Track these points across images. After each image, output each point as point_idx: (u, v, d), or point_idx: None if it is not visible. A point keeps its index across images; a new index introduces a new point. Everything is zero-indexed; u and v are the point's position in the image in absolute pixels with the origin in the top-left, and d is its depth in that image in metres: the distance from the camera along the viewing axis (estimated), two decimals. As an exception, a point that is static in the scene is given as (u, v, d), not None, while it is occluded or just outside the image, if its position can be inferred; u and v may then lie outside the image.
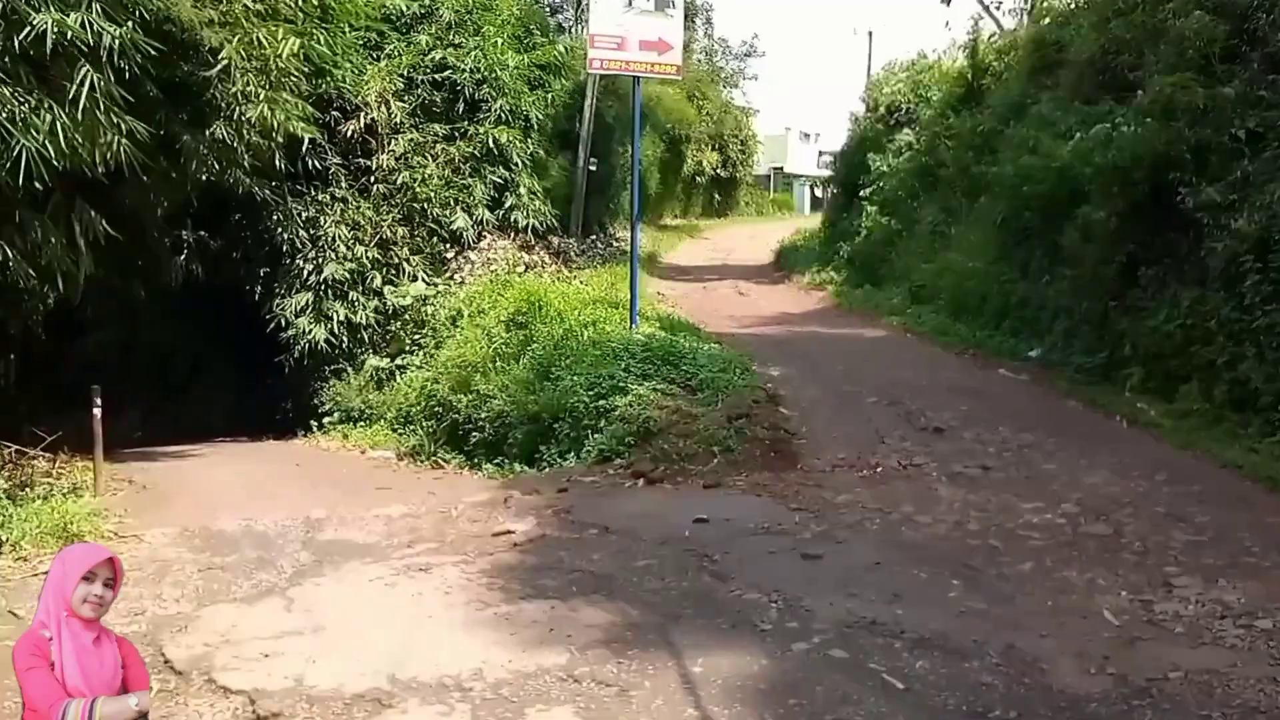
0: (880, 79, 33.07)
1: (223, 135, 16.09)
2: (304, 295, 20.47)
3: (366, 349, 21.33)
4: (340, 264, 20.64)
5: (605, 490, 12.11)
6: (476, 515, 11.41)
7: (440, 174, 21.81)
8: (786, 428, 13.43)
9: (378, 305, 21.17)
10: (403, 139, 21.64)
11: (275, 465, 16.95)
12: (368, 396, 20.49)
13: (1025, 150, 18.54)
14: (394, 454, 18.36)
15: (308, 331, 20.30)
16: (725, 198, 54.21)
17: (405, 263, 21.63)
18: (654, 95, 38.07)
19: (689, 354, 15.69)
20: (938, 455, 12.33)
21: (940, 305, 21.15)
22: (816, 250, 32.43)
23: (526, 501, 11.82)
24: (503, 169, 22.68)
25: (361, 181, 21.54)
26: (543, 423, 15.18)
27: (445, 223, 21.90)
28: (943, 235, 23.23)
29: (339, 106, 20.90)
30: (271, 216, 20.04)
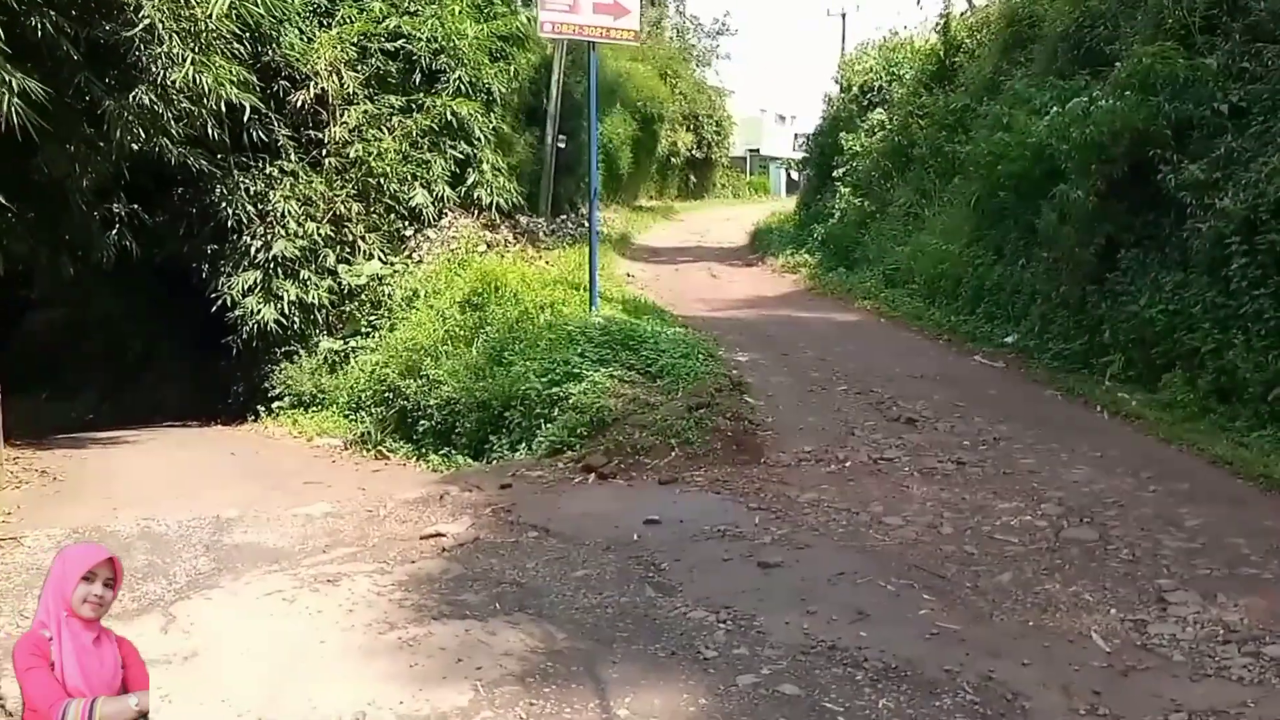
0: (853, 58, 32.05)
1: (147, 100, 14.99)
2: (252, 273, 19.29)
3: (321, 330, 20.24)
4: (290, 241, 19.44)
5: (553, 486, 11.11)
6: (407, 515, 10.39)
7: (397, 148, 20.66)
8: (751, 418, 12.44)
9: (331, 285, 20.06)
10: (356, 111, 20.43)
11: (209, 454, 15.97)
12: (320, 380, 19.38)
13: (999, 128, 17.60)
14: (342, 442, 17.35)
15: (256, 312, 19.15)
16: (701, 179, 53.07)
17: (361, 240, 20.48)
18: (624, 72, 36.98)
19: (650, 338, 14.69)
20: (910, 448, 11.37)
21: (914, 289, 20.21)
22: (791, 233, 31.42)
23: (465, 499, 10.82)
24: (464, 144, 21.53)
25: (313, 155, 20.39)
26: (492, 411, 14.22)
27: (404, 199, 20.77)
28: (916, 216, 22.28)
29: (287, 76, 19.76)
30: (215, 190, 18.92)
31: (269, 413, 19.59)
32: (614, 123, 36.37)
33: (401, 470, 14.49)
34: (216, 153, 18.03)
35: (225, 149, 18.22)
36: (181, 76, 15.42)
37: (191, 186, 18.78)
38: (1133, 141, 13.27)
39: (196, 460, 15.26)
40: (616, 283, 23.00)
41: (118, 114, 15.09)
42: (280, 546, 9.35)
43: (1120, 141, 13.29)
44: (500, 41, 23.44)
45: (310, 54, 19.82)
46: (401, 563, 8.59)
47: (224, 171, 18.74)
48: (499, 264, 19.77)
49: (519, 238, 24.02)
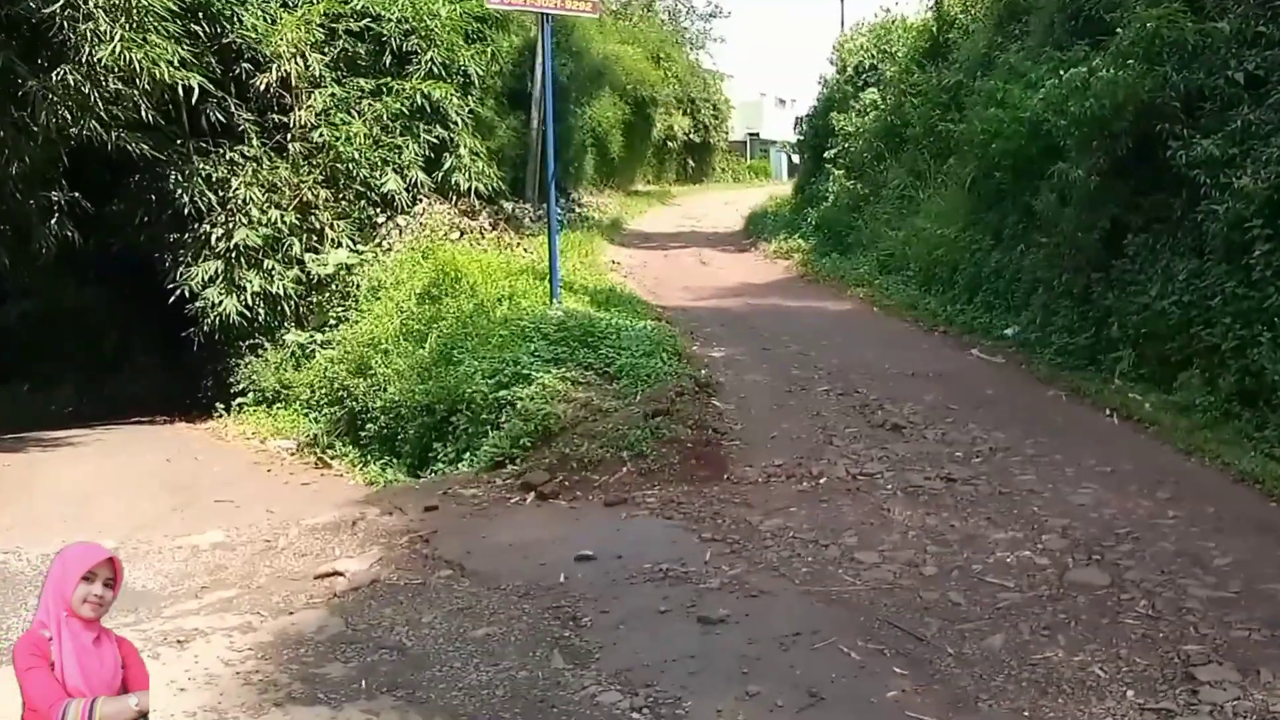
0: (848, 38, 30.31)
1: (72, 80, 13.52)
2: (213, 263, 17.76)
3: (289, 322, 18.73)
4: (253, 229, 17.91)
5: (485, 508, 9.58)
6: (310, 545, 8.90)
7: (367, 132, 19.15)
8: (716, 426, 10.90)
9: (298, 275, 18.55)
10: (322, 94, 18.93)
11: (142, 461, 14.50)
12: (284, 376, 17.83)
13: (992, 104, 15.99)
14: (294, 444, 15.86)
15: (218, 303, 17.67)
16: (699, 164, 51.29)
17: (329, 228, 18.97)
18: (612, 54, 35.31)
19: (611, 334, 13.14)
20: (894, 461, 9.82)
21: (909, 276, 18.63)
22: (786, 217, 29.78)
23: (381, 525, 9.30)
24: (440, 128, 20.12)
25: (277, 140, 18.92)
26: (436, 416, 12.68)
27: (375, 185, 19.29)
28: (911, 199, 20.66)
29: (250, 59, 18.29)
30: (170, 177, 17.46)
31: (229, 410, 18.08)
32: (603, 106, 34.76)
33: (335, 483, 13.00)
34: (174, 138, 17.01)
35: (182, 134, 17.21)
36: (109, 54, 14.08)
37: (148, 173, 17.46)
38: (1138, 114, 11.64)
39: (123, 469, 13.80)
40: (598, 270, 21.52)
41: (43, 95, 13.79)
42: (147, 589, 7.87)
43: (1124, 115, 11.66)
44: (476, 22, 22.13)
45: (273, 35, 18.31)
46: (278, 614, 7.08)
47: (182, 157, 17.47)
48: (459, 252, 18.14)
49: (500, 224, 22.55)
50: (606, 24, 38.75)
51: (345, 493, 11.85)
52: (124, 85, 14.62)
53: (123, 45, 14.14)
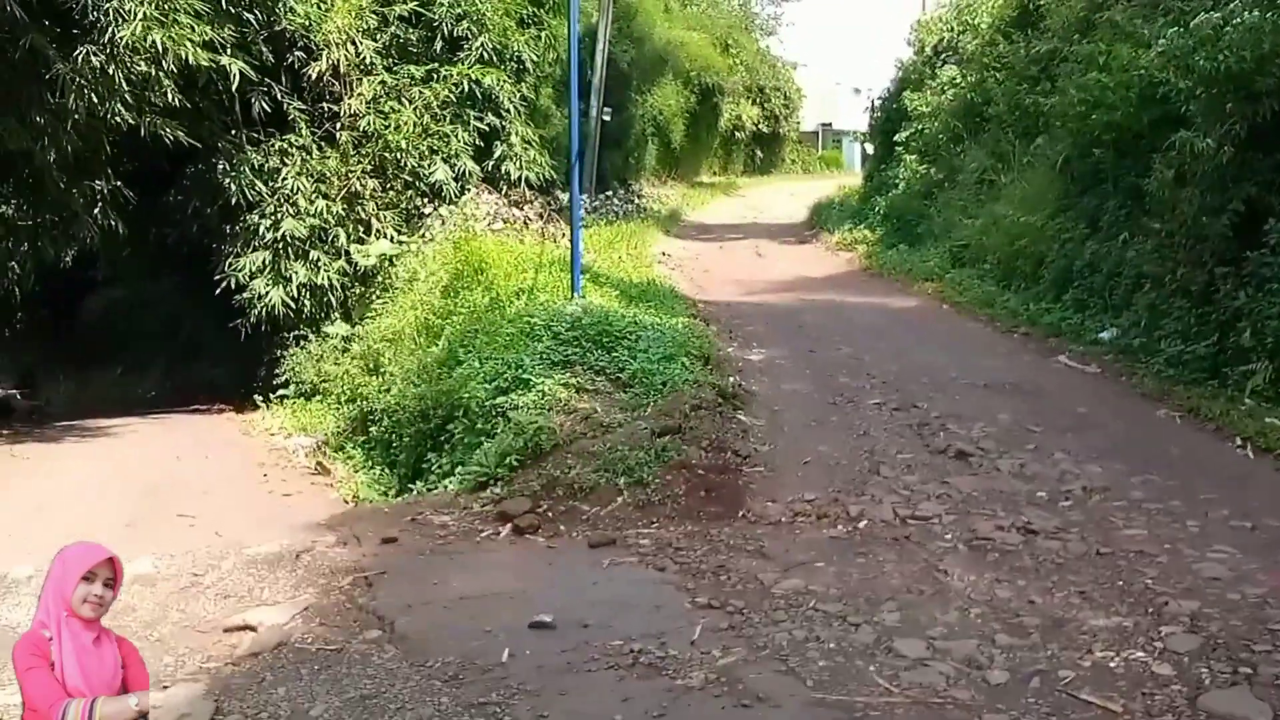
0: (928, 18, 27.79)
1: (96, 61, 12.84)
2: (260, 254, 16.94)
3: (335, 313, 17.63)
4: (299, 220, 16.97)
5: (450, 543, 7.66)
6: (239, 583, 7.10)
7: (416, 120, 17.88)
8: (737, 447, 8.79)
9: (343, 266, 17.44)
10: (372, 82, 17.75)
11: (150, 458, 13.42)
12: (323, 368, 16.48)
13: (1093, 68, 13.60)
14: (315, 442, 14.41)
15: (265, 294, 16.78)
16: (768, 154, 48.75)
17: (375, 218, 17.88)
18: (676, 40, 33.24)
19: (628, 334, 11.08)
20: (956, 500, 7.66)
21: (986, 270, 16.34)
22: (853, 207, 27.53)
23: (328, 559, 7.42)
24: (491, 115, 18.89)
25: (326, 128, 17.81)
26: (431, 422, 10.83)
27: (424, 174, 18.11)
28: (991, 184, 18.27)
29: (302, 46, 17.20)
30: (219, 167, 16.77)
31: (268, 401, 16.92)
32: (665, 94, 32.74)
33: (318, 495, 11.32)
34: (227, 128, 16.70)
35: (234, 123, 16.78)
36: (130, 34, 13.15)
37: (203, 163, 17.05)
38: (1287, 71, 9.30)
39: (119, 469, 12.67)
40: (644, 262, 19.59)
41: (70, 78, 13.06)
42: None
43: (1270, 69, 9.29)
44: (531, 6, 20.72)
45: (324, 22, 17.20)
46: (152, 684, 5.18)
47: (234, 147, 16.89)
48: (492, 243, 16.32)
49: (551, 215, 21.01)
50: (672, 9, 36.73)
51: (317, 509, 10.03)
52: (151, 68, 13.73)
53: (144, 25, 13.24)
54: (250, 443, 14.77)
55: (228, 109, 16.72)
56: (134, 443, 14.65)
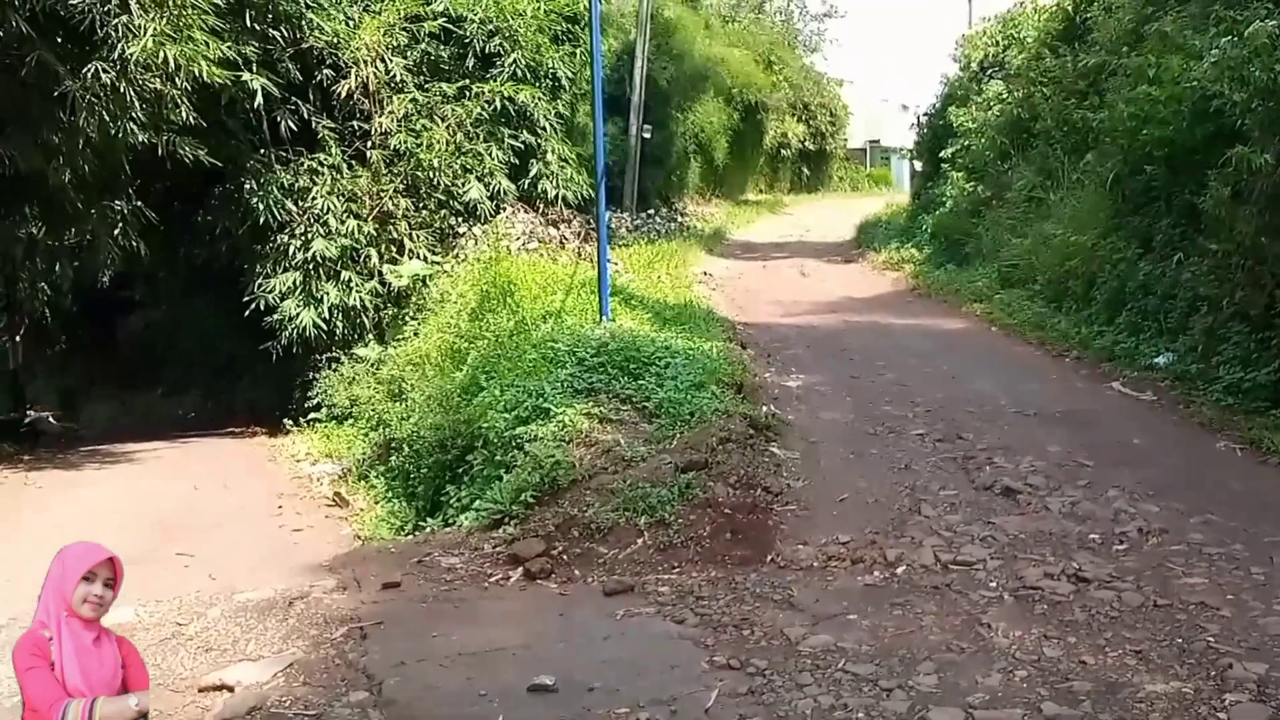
0: (974, 33, 27.10)
1: (106, 78, 12.46)
2: (291, 275, 16.51)
3: (368, 335, 17.22)
4: (330, 240, 16.56)
5: (456, 589, 7.18)
6: (224, 635, 6.64)
7: (449, 138, 17.44)
8: (768, 483, 8.24)
9: (375, 287, 17.01)
10: (403, 99, 17.33)
11: (168, 487, 12.90)
12: (354, 392, 16.01)
13: (1143, 81, 12.96)
14: (341, 470, 13.91)
15: (295, 315, 16.39)
16: (815, 172, 48.02)
17: (408, 238, 17.43)
18: (717, 57, 32.80)
19: (657, 360, 10.58)
20: (1002, 544, 7.08)
21: (1035, 290, 15.69)
22: (900, 225, 26.89)
23: (323, 607, 6.95)
24: (526, 132, 18.42)
25: (356, 147, 17.40)
26: (450, 453, 10.36)
27: (457, 194, 17.64)
28: (1039, 202, 17.59)
29: (331, 63, 16.85)
30: (245, 186, 16.34)
31: (298, 425, 16.48)
32: (707, 111, 32.31)
33: (328, 531, 10.79)
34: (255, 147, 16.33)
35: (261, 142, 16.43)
36: (140, 49, 12.60)
37: (231, 183, 16.62)
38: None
39: (137, 497, 12.15)
40: (683, 282, 19.16)
41: (80, 95, 12.58)
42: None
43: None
44: (566, 23, 20.26)
45: (352, 39, 16.87)
46: None
47: (264, 166, 16.46)
48: (522, 263, 15.90)
49: (589, 234, 20.72)
50: (712, 26, 36.32)
51: (324, 548, 9.56)
52: (164, 85, 13.20)
53: (155, 41, 12.70)
54: (274, 470, 14.36)
55: (255, 128, 16.41)
56: (155, 470, 14.29)
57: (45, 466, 14.34)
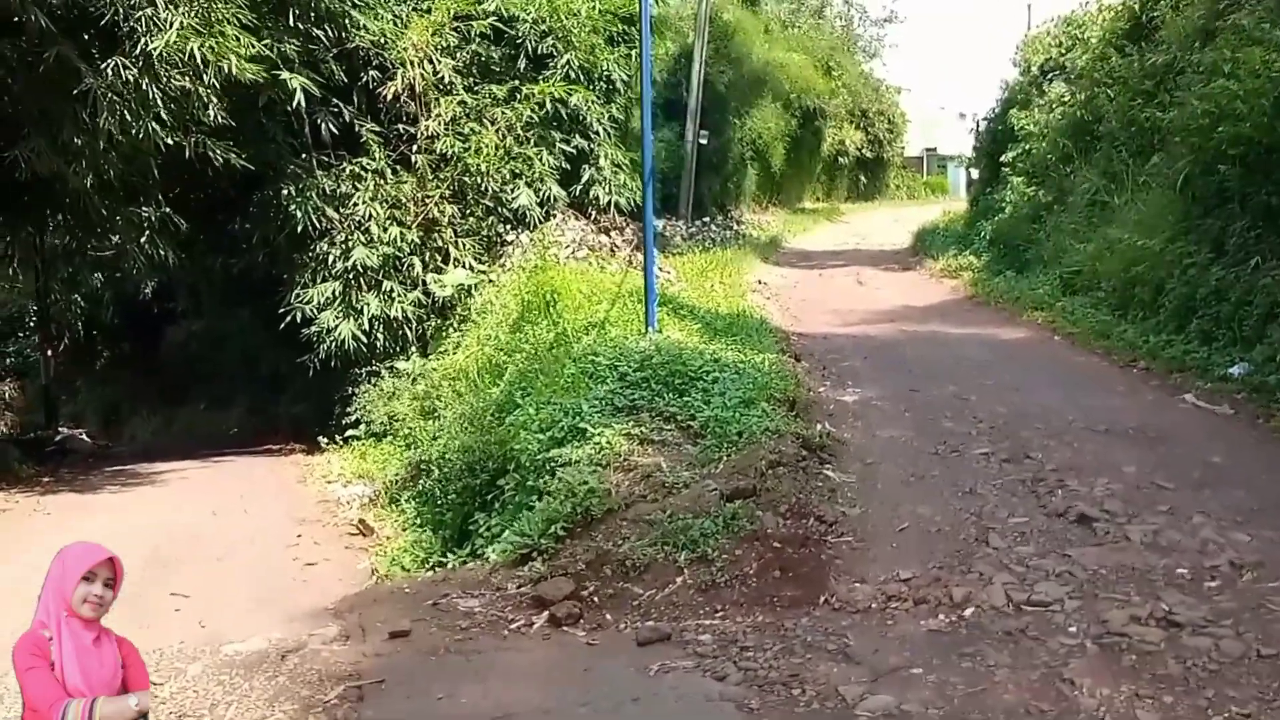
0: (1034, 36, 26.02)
1: (128, 74, 11.85)
2: (330, 285, 15.81)
3: (412, 348, 16.46)
4: (371, 248, 15.85)
5: (473, 638, 6.47)
6: (203, 696, 5.87)
7: (498, 142, 16.63)
8: (822, 512, 7.46)
9: (419, 298, 16.26)
10: (450, 102, 16.56)
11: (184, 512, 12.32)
12: (393, 408, 15.34)
13: (1218, 75, 12.00)
14: (372, 492, 13.20)
15: (334, 327, 15.66)
16: (872, 180, 47.00)
17: (453, 247, 16.69)
18: (776, 62, 31.96)
19: (704, 374, 9.86)
20: (1081, 580, 6.25)
21: (1100, 298, 14.72)
22: (958, 232, 25.90)
23: (319, 661, 6.23)
24: (579, 137, 17.61)
25: (400, 151, 16.69)
26: (479, 477, 9.69)
27: (506, 200, 16.83)
28: (1103, 206, 16.61)
29: (377, 64, 16.19)
30: (283, 192, 15.67)
31: (334, 442, 15.89)
32: (764, 116, 31.48)
33: (350, 563, 10.13)
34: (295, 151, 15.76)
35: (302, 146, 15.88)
36: (163, 44, 12.04)
37: (270, 188, 15.93)
38: None
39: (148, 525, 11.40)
40: (736, 291, 18.41)
41: (102, 94, 11.95)
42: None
43: None
44: (622, 24, 19.41)
45: (399, 39, 16.18)
46: None
47: (304, 170, 15.79)
48: (568, 271, 15.20)
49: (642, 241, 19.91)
50: (772, 30, 35.50)
51: (334, 586, 8.89)
52: (190, 82, 12.60)
53: (180, 35, 12.11)
54: (302, 492, 13.72)
55: (296, 131, 15.82)
56: (174, 493, 13.72)
57: (62, 490, 13.83)
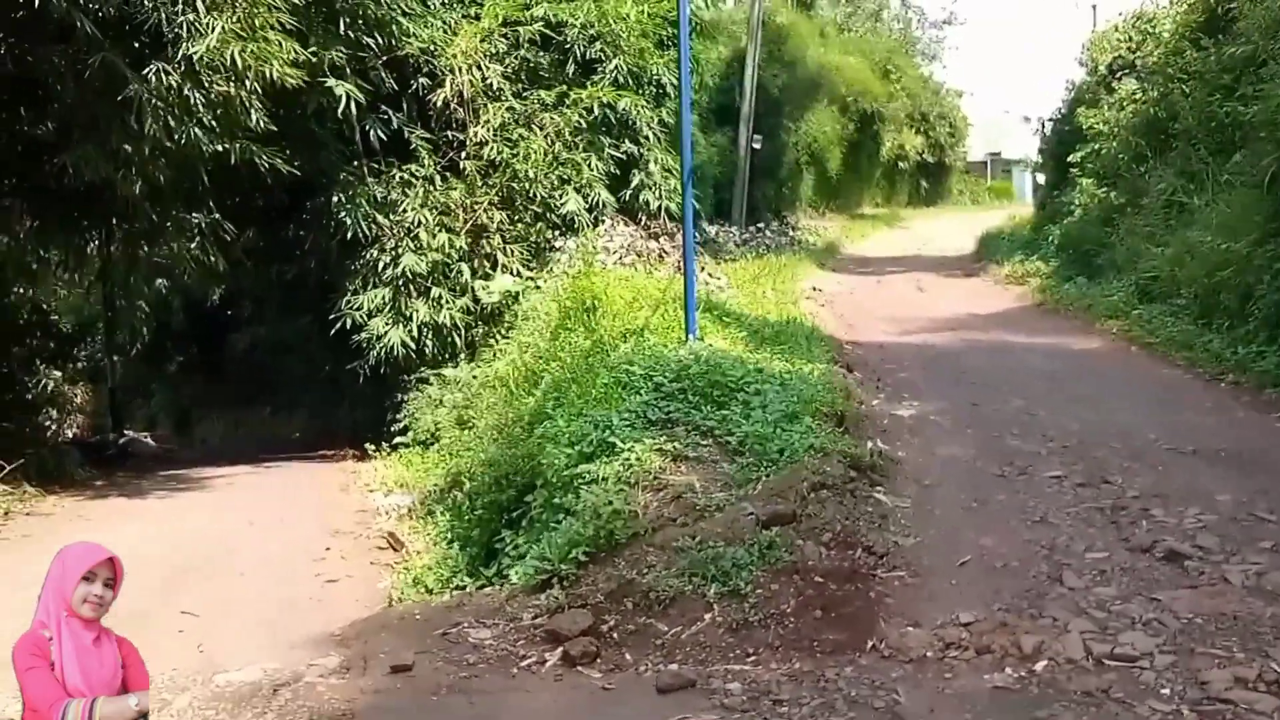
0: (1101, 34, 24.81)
1: (170, 79, 11.61)
2: (380, 291, 15.61)
3: (460, 354, 16.07)
4: (420, 255, 15.60)
5: (479, 674, 5.74)
6: None
7: (547, 148, 16.22)
8: (870, 541, 6.59)
9: (467, 304, 15.95)
10: (499, 108, 16.15)
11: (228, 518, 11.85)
12: (439, 415, 14.81)
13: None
14: (411, 503, 12.56)
15: (383, 334, 15.44)
16: (934, 185, 45.71)
17: (501, 253, 16.30)
18: (832, 65, 31.05)
19: (745, 385, 9.01)
20: (1173, 630, 5.35)
21: (1180, 305, 13.70)
22: (1024, 237, 24.83)
23: (313, 697, 5.60)
24: (628, 142, 17.08)
25: (450, 158, 16.36)
26: (506, 492, 8.95)
27: (554, 206, 16.41)
28: (1181, 208, 15.52)
29: (427, 72, 15.90)
30: (334, 199, 15.45)
31: (380, 450, 15.32)
32: (820, 120, 30.64)
33: (372, 582, 9.38)
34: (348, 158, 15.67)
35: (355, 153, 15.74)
36: (205, 48, 11.78)
37: (322, 196, 15.82)
38: None
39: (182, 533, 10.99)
40: (788, 298, 17.63)
41: (146, 99, 11.75)
42: None
43: None
44: (671, 27, 18.79)
45: (448, 47, 15.86)
46: None
47: (356, 178, 15.59)
48: (611, 277, 14.45)
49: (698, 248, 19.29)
50: (827, 34, 34.60)
51: (348, 608, 8.19)
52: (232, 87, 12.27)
53: (221, 39, 11.84)
54: (343, 501, 13.11)
55: (347, 139, 15.60)
56: (218, 500, 13.24)
57: (112, 494, 13.43)
